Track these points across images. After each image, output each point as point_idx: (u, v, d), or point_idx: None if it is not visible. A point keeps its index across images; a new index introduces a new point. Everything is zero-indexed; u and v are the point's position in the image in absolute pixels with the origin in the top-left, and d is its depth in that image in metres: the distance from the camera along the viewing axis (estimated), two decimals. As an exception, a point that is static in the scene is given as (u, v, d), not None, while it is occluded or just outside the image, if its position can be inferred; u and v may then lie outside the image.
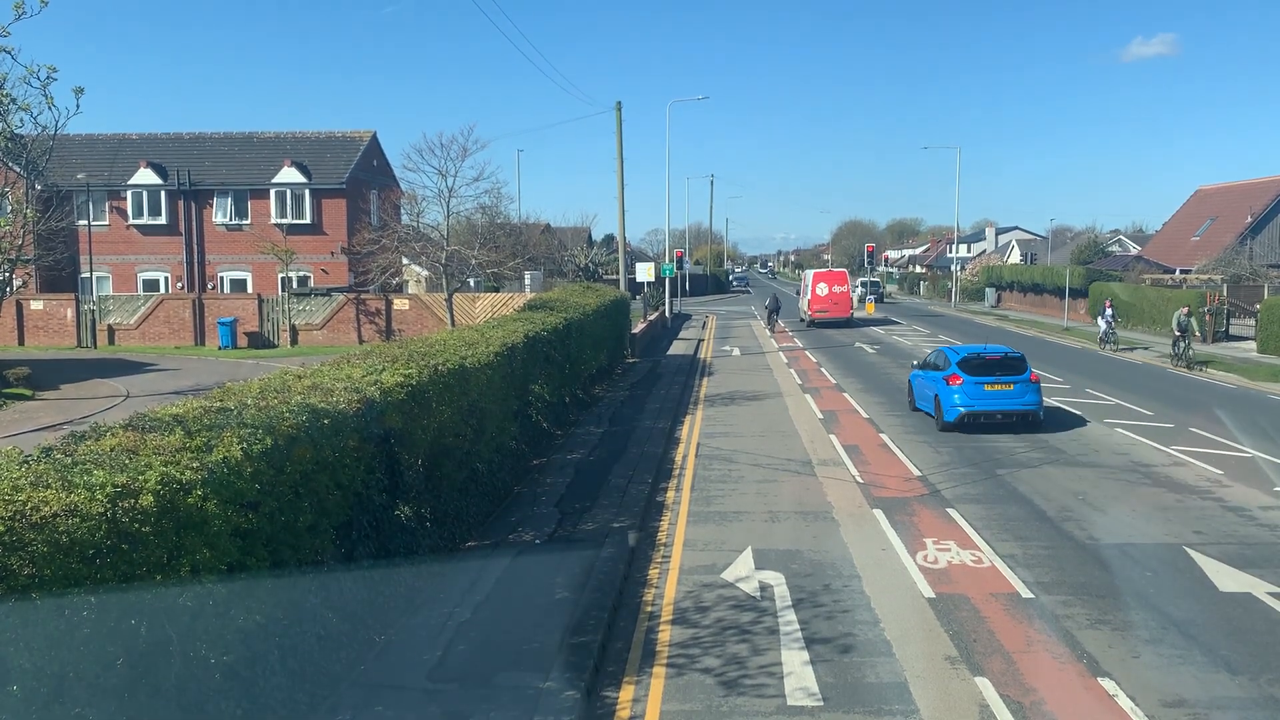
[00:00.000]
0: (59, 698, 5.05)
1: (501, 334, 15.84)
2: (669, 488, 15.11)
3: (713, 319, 56.79)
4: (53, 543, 5.06)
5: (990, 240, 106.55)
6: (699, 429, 20.20)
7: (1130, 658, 8.58)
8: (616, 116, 38.54)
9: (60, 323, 39.61)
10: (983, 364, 19.66)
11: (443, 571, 10.51)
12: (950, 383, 19.49)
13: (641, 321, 41.32)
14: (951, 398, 19.34)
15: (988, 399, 19.15)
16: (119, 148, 45.35)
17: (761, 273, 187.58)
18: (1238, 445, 17.63)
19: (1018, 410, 19.24)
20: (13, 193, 25.64)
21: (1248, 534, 12.32)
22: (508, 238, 41.77)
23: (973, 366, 19.48)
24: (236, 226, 44.07)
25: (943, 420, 19.44)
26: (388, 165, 47.34)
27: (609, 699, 7.95)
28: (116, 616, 5.42)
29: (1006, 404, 19.24)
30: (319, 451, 7.99)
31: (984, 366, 19.60)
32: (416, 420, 10.47)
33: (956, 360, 19.73)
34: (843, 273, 50.36)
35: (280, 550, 7.41)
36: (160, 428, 6.84)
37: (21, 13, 17.77)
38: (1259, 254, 51.25)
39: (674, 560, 11.45)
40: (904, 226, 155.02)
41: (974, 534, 12.32)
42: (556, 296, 26.14)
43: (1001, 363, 19.76)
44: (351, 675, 8.02)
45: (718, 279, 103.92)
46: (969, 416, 19.11)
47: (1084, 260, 68.15)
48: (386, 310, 39.19)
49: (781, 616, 9.58)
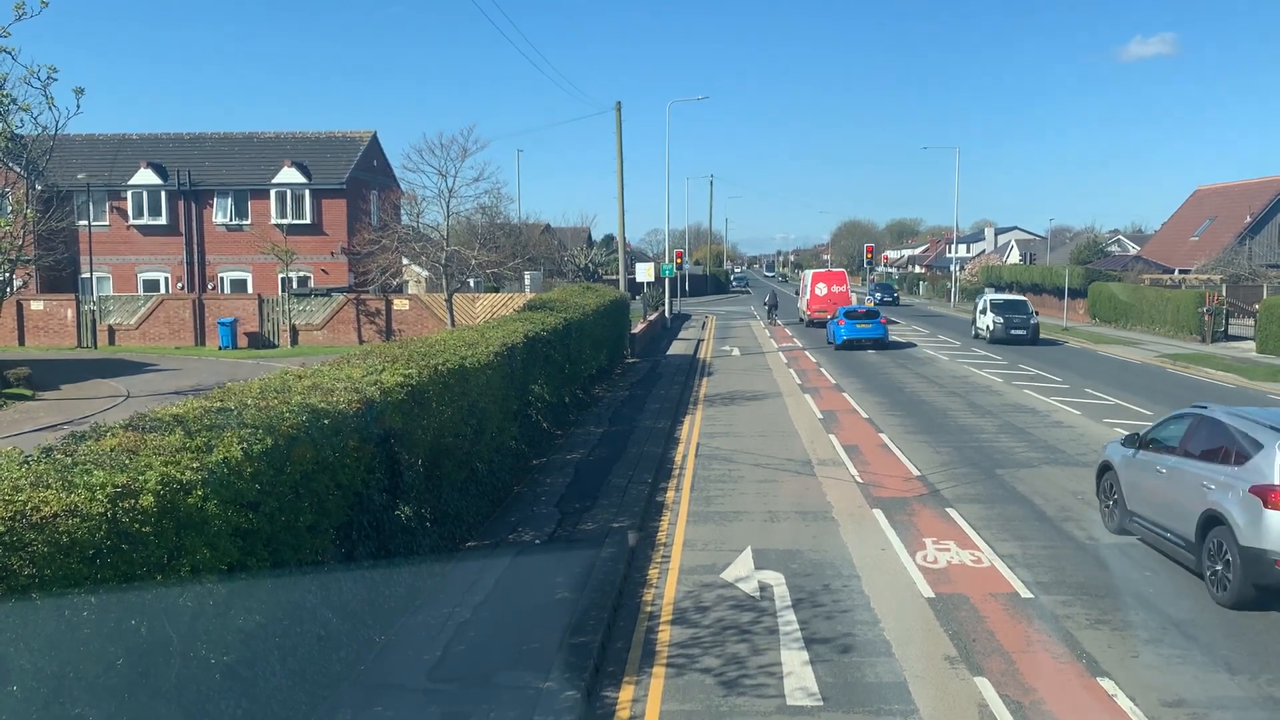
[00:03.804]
0: (59, 698, 5.05)
1: (501, 334, 15.85)
2: (669, 488, 15.12)
3: (712, 319, 56.81)
4: (53, 543, 5.06)
5: (989, 240, 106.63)
6: (699, 429, 20.21)
7: (1130, 657, 8.59)
8: (616, 117, 38.58)
9: (60, 323, 39.61)
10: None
11: (443, 571, 10.52)
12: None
13: (641, 322, 41.33)
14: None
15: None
16: (119, 148, 45.35)
17: (767, 275, 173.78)
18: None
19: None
20: (13, 193, 25.67)
21: (1247, 534, 12.28)
22: (507, 238, 41.75)
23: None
24: (237, 227, 44.07)
25: None
26: (388, 165, 47.35)
27: (609, 699, 7.96)
28: (116, 617, 5.42)
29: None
30: (319, 451, 8.00)
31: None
32: (416, 420, 10.48)
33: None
34: (841, 273, 50.44)
35: (280, 550, 7.42)
36: (160, 428, 6.84)
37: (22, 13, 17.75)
38: (1258, 254, 51.27)
39: (674, 560, 11.46)
40: (903, 227, 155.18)
41: (973, 534, 12.32)
42: (556, 297, 26.14)
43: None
44: (351, 675, 8.02)
45: (717, 279, 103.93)
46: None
47: (1083, 260, 68.17)
48: (386, 310, 39.20)
49: (781, 616, 9.58)
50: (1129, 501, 12.02)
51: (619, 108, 38.57)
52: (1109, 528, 12.48)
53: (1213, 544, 10.01)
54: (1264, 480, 9.47)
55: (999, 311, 38.97)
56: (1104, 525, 12.62)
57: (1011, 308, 39.51)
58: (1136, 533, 11.95)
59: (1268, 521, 9.29)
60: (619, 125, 38.57)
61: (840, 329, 36.91)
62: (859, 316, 37.41)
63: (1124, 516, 12.10)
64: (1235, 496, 9.74)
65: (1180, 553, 10.75)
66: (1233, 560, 9.64)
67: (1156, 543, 11.46)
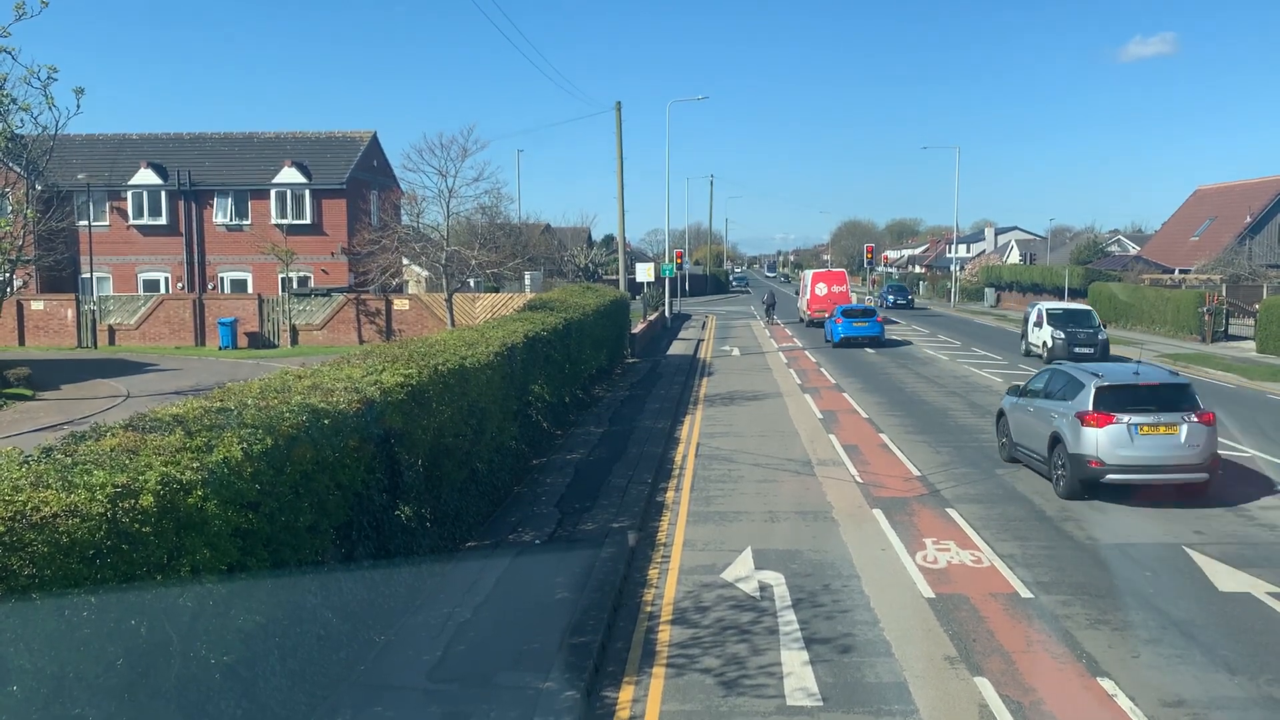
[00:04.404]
0: (59, 698, 5.05)
1: (501, 334, 15.85)
2: (669, 488, 15.12)
3: (712, 319, 56.82)
4: (53, 543, 5.06)
5: (989, 240, 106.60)
6: (699, 429, 20.21)
7: (1129, 657, 8.59)
8: (616, 117, 38.58)
9: (61, 323, 39.61)
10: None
11: (443, 571, 10.52)
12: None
13: (641, 322, 41.33)
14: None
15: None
16: (119, 148, 45.35)
17: (768, 276, 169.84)
18: (1237, 445, 17.62)
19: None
20: (13, 193, 25.66)
21: (1247, 534, 12.33)
22: (507, 238, 41.74)
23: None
24: (237, 227, 44.07)
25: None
26: (388, 165, 47.35)
27: (609, 699, 7.96)
28: (116, 617, 5.42)
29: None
30: (319, 451, 8.00)
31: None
32: (416, 420, 10.48)
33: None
34: (841, 273, 50.49)
35: (280, 550, 7.42)
36: (160, 428, 6.85)
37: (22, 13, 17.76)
38: (1258, 254, 51.27)
39: (674, 560, 11.46)
40: (903, 227, 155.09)
41: (973, 534, 12.32)
42: (556, 297, 26.14)
43: None
44: (351, 675, 8.03)
45: (717, 279, 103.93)
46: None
47: (1083, 260, 68.20)
48: (386, 310, 39.20)
49: (781, 616, 9.58)
50: (1014, 436, 16.13)
51: (619, 108, 38.61)
52: (1002, 457, 16.55)
53: (1055, 455, 14.28)
54: (1083, 408, 13.80)
55: (1059, 324, 32.36)
56: (999, 456, 16.66)
57: (1074, 319, 32.80)
58: (1020, 458, 15.83)
59: (1084, 435, 13.63)
60: (619, 125, 38.61)
61: (838, 327, 37.93)
62: (856, 315, 38.41)
63: (1011, 447, 16.22)
64: (1067, 421, 14.01)
65: (1041, 466, 14.90)
66: (1066, 465, 13.91)
67: (1029, 462, 15.47)
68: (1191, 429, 13.48)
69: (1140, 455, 13.45)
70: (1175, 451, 13.46)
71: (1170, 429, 13.49)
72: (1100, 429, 13.51)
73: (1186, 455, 13.45)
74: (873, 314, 39.13)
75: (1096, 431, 13.52)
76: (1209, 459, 13.58)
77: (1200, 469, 13.55)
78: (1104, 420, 13.52)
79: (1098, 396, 13.78)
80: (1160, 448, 13.48)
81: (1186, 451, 13.44)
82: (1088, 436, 13.55)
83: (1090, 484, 13.72)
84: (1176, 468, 13.48)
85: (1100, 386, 13.86)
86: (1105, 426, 13.49)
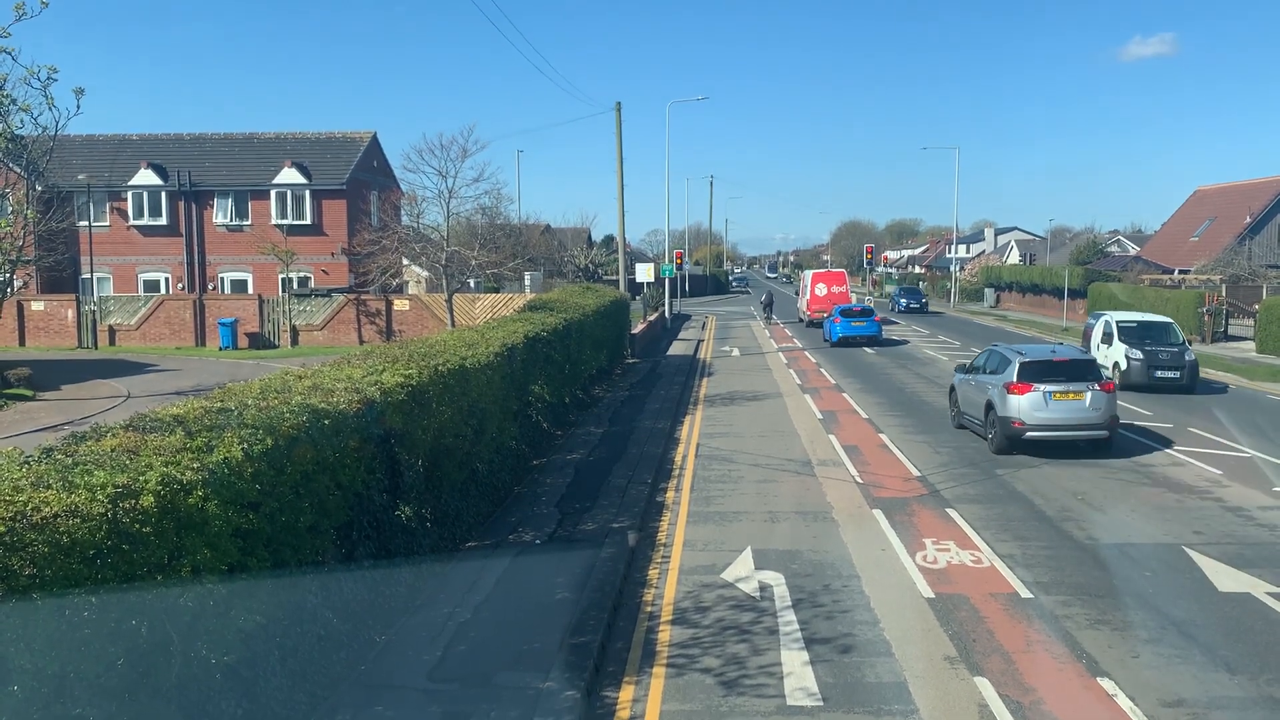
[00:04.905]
0: (60, 698, 5.06)
1: (501, 334, 15.85)
2: (669, 488, 15.12)
3: (712, 319, 56.82)
4: (53, 543, 5.07)
5: (989, 241, 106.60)
6: (699, 429, 20.21)
7: (1129, 657, 8.60)
8: (616, 117, 38.58)
9: (61, 323, 39.62)
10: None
11: (443, 571, 10.52)
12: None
13: (641, 322, 41.32)
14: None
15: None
16: (119, 148, 45.34)
17: (769, 276, 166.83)
18: (1237, 445, 17.64)
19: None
20: (13, 193, 25.64)
21: (1247, 534, 12.33)
22: (507, 238, 41.76)
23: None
24: (237, 227, 44.08)
25: None
26: (388, 166, 47.35)
27: (609, 699, 7.96)
28: (117, 617, 5.43)
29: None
30: (320, 452, 8.00)
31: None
32: (417, 421, 10.48)
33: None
34: (841, 273, 50.51)
35: (281, 551, 7.42)
36: (161, 428, 6.85)
37: (22, 13, 17.73)
38: (1258, 254, 51.27)
39: (674, 560, 11.46)
40: (903, 227, 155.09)
41: (973, 534, 12.33)
42: (556, 297, 26.14)
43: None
44: (351, 675, 8.03)
45: (717, 280, 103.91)
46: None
47: (1083, 261, 68.14)
48: (387, 311, 39.21)
49: (781, 617, 9.59)
50: (961, 405, 19.44)
51: (619, 108, 38.61)
52: (954, 425, 19.76)
53: (989, 418, 17.50)
54: (1009, 380, 16.89)
55: (1134, 340, 25.35)
56: (950, 424, 19.96)
57: (1152, 334, 25.70)
58: (967, 424, 19.08)
59: (1009, 401, 16.77)
60: (619, 126, 38.61)
61: (836, 327, 38.56)
62: (854, 315, 39.09)
63: (960, 415, 19.53)
64: (998, 391, 17.13)
65: (979, 428, 18.22)
66: (996, 425, 17.14)
67: (971, 426, 18.78)
68: (1095, 395, 16.54)
69: (1053, 417, 16.57)
70: (1081, 414, 16.58)
71: (1077, 395, 16.57)
72: (1022, 396, 16.61)
73: (1090, 416, 16.56)
74: (870, 314, 39.70)
75: (1019, 398, 16.63)
76: (1109, 419, 16.68)
77: (1102, 428, 16.67)
78: (1025, 389, 16.62)
79: (1020, 370, 16.81)
80: (1069, 411, 16.60)
81: (1090, 414, 16.55)
82: (1012, 402, 16.67)
83: (1015, 440, 16.77)
84: (1082, 426, 16.66)
85: (1024, 362, 16.99)
86: (1025, 394, 16.59)
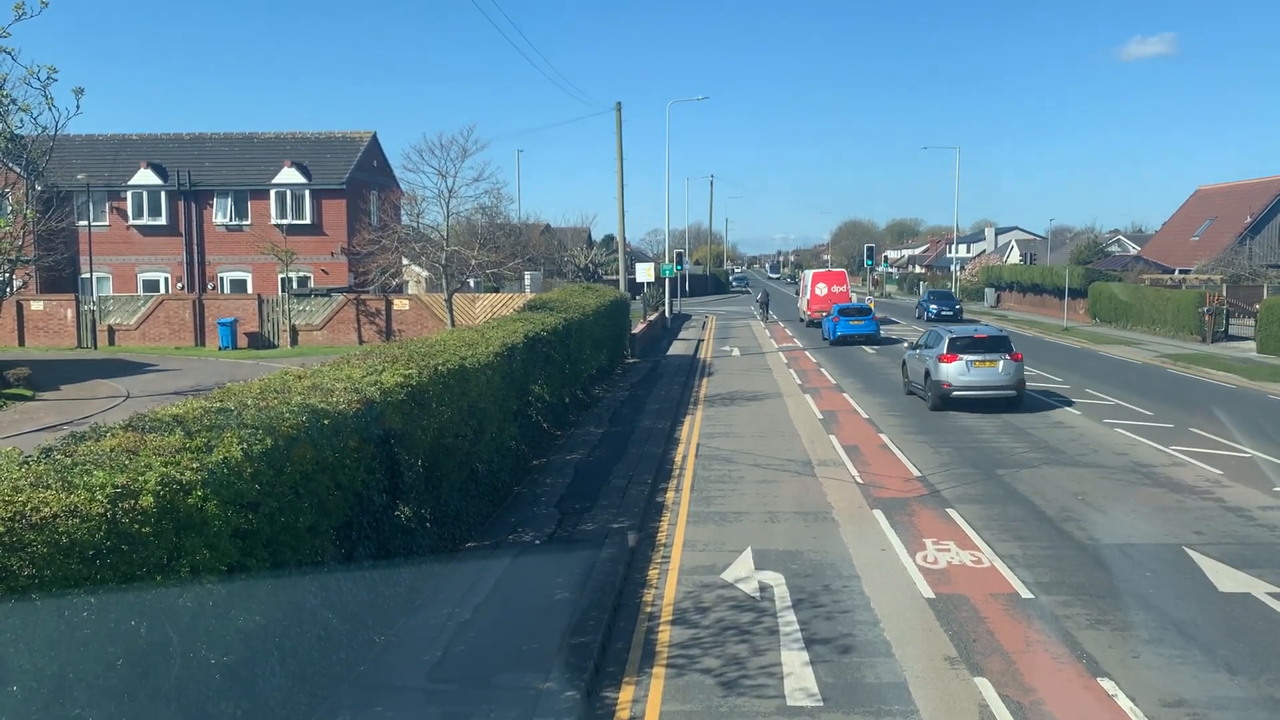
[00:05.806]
0: (59, 698, 5.05)
1: (501, 334, 15.84)
2: (669, 488, 15.11)
3: (712, 319, 56.83)
4: (53, 543, 5.06)
5: (990, 240, 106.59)
6: (699, 429, 20.20)
7: (1130, 658, 8.59)
8: (616, 117, 38.58)
9: (60, 323, 39.62)
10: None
11: (443, 572, 10.52)
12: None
13: (641, 322, 41.33)
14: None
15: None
16: (119, 148, 45.36)
17: (771, 276, 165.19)
18: (1237, 445, 17.63)
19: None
20: (13, 193, 25.64)
21: (1247, 534, 12.32)
22: (507, 238, 41.77)
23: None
24: (237, 227, 44.09)
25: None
26: (388, 166, 47.37)
27: (609, 699, 7.96)
28: (116, 617, 5.42)
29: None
30: (319, 452, 8.00)
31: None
32: (416, 421, 10.48)
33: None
34: (841, 273, 50.52)
35: (280, 551, 7.42)
36: (160, 428, 6.84)
37: (22, 13, 17.70)
38: (1258, 254, 51.24)
39: (674, 561, 11.46)
40: (903, 227, 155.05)
41: (973, 534, 12.32)
42: (556, 297, 26.14)
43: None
44: (351, 676, 8.02)
45: (717, 279, 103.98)
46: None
47: (1083, 260, 68.10)
48: (386, 311, 39.21)
49: (781, 617, 9.58)
50: (910, 376, 23.87)
51: (619, 108, 38.61)
52: (904, 391, 24.18)
53: (926, 383, 22.05)
54: (941, 352, 21.48)
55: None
56: (901, 391, 24.38)
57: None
58: (914, 391, 23.34)
59: (941, 369, 21.32)
60: (619, 126, 38.61)
61: (834, 325, 39.28)
62: (852, 313, 40.01)
63: (909, 384, 23.89)
64: (934, 360, 21.67)
65: (921, 392, 22.60)
66: (931, 388, 21.70)
67: (917, 391, 23.08)
68: (1006, 364, 21.24)
69: (974, 379, 21.21)
70: (995, 378, 21.24)
71: (992, 363, 21.27)
72: (950, 364, 21.20)
73: (1002, 380, 21.25)
74: (868, 312, 40.47)
75: (948, 366, 21.21)
76: (1017, 383, 21.38)
77: (1011, 388, 21.31)
78: (952, 359, 21.24)
79: (949, 344, 21.42)
80: (986, 375, 21.23)
81: (1003, 377, 21.23)
82: (943, 369, 21.25)
83: (945, 398, 21.27)
84: (996, 387, 21.28)
85: (952, 338, 21.61)
86: (953, 363, 21.19)
